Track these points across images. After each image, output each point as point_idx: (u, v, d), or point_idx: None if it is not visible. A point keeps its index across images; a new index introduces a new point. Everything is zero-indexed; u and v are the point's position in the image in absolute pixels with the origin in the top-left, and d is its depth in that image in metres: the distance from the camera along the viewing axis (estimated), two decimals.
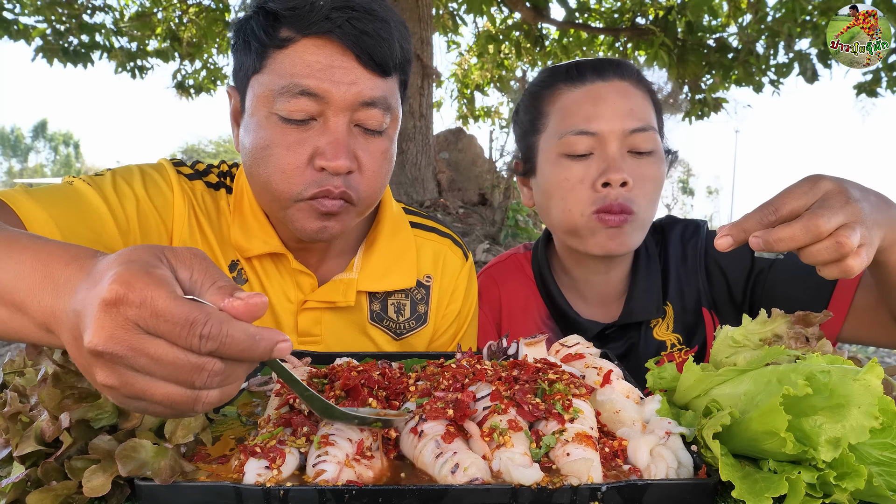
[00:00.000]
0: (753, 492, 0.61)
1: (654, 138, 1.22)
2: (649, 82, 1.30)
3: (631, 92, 1.23)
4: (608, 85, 1.23)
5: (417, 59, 6.49)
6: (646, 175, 1.21)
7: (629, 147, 1.21)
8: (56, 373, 0.65)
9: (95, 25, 7.28)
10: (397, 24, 1.06)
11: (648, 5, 7.43)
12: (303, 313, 1.23)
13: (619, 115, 1.20)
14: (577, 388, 0.79)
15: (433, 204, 6.63)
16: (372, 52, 1.01)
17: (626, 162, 1.21)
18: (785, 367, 0.71)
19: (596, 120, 1.21)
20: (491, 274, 1.49)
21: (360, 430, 0.71)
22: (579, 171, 1.22)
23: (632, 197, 1.20)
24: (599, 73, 1.25)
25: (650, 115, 1.24)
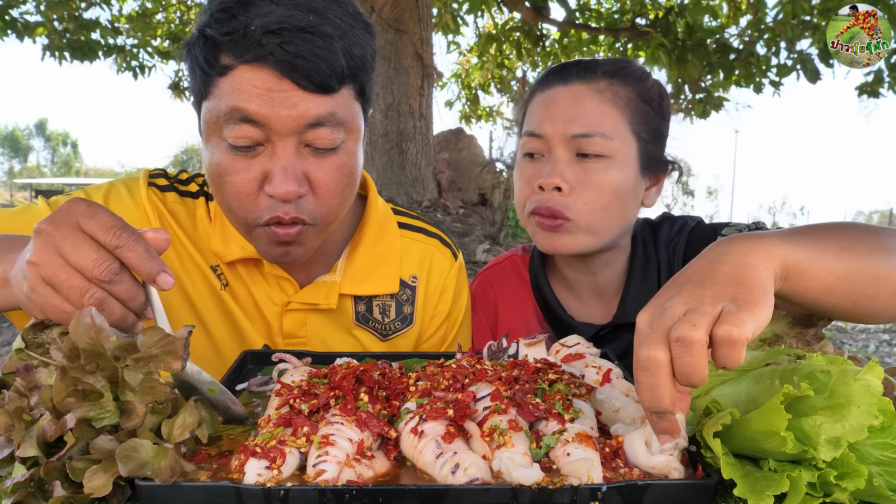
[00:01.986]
0: (755, 490, 0.61)
1: (603, 144, 1.21)
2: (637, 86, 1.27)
3: (587, 96, 1.24)
4: (566, 89, 1.26)
5: (418, 59, 6.50)
6: (590, 181, 1.22)
7: (577, 151, 1.23)
8: (63, 368, 0.65)
9: (93, 22, 7.29)
10: (347, 31, 1.01)
11: (648, 6, 7.43)
12: (287, 315, 1.23)
13: (564, 120, 1.23)
14: (577, 388, 0.79)
15: (433, 204, 6.63)
16: (309, 75, 0.97)
17: (572, 167, 1.23)
18: (785, 367, 0.71)
19: (544, 123, 1.25)
20: (487, 276, 1.50)
21: (361, 431, 0.71)
22: (529, 171, 1.28)
23: (567, 203, 1.22)
24: (563, 77, 1.27)
25: (609, 120, 1.23)
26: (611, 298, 1.37)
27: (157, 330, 0.70)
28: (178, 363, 0.70)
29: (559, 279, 1.42)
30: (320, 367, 0.92)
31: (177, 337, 0.70)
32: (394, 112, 6.46)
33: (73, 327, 0.65)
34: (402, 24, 6.30)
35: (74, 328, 0.65)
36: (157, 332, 0.70)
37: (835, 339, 7.26)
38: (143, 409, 0.67)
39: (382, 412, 0.76)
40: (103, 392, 0.67)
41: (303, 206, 1.04)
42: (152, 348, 0.69)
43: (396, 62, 6.42)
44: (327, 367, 0.90)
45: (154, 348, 0.69)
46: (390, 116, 6.45)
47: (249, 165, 1.01)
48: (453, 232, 6.15)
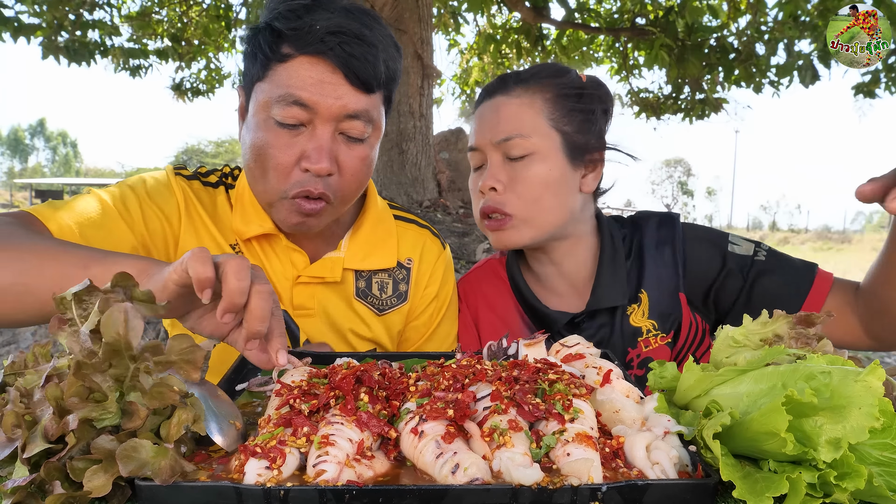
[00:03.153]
0: (754, 491, 0.61)
1: (523, 144, 1.34)
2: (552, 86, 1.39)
3: (504, 105, 1.38)
4: (490, 102, 1.41)
5: (417, 59, 6.49)
6: (518, 178, 1.35)
7: (505, 154, 1.37)
8: (79, 362, 0.65)
9: (93, 23, 7.28)
10: (387, 46, 1.21)
11: (648, 6, 7.43)
12: (297, 288, 1.38)
13: (488, 129, 1.38)
14: (577, 388, 0.79)
15: (433, 204, 6.63)
16: (357, 73, 1.15)
17: (505, 168, 1.37)
18: (785, 368, 0.71)
19: (476, 136, 1.42)
20: (470, 279, 1.62)
21: (361, 431, 0.71)
22: (475, 181, 1.43)
23: (503, 200, 1.36)
24: (488, 92, 1.43)
25: (525, 122, 1.36)
26: (581, 287, 1.47)
27: (184, 337, 0.71)
28: (196, 373, 0.71)
29: (531, 275, 1.53)
30: (320, 367, 0.92)
31: (201, 347, 0.71)
32: (394, 112, 6.46)
33: (104, 319, 0.66)
34: (402, 24, 6.29)
35: (105, 320, 0.66)
36: (184, 340, 0.70)
37: None
38: (145, 412, 0.67)
39: (382, 412, 0.76)
40: (108, 394, 0.67)
41: (330, 183, 1.21)
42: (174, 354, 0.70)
43: None
44: (327, 368, 0.90)
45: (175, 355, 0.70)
46: (390, 116, 6.45)
47: (291, 143, 1.18)
48: (453, 232, 6.14)
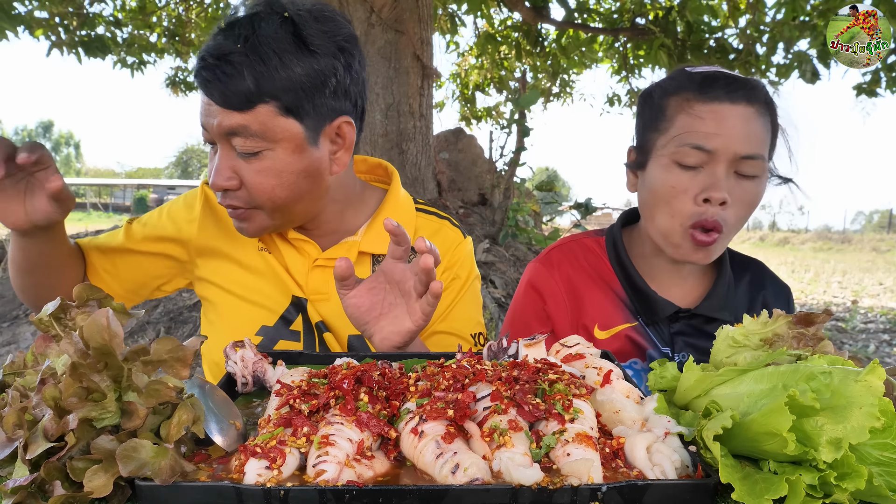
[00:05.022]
0: (753, 493, 0.61)
1: (761, 166, 1.30)
2: (775, 108, 1.36)
3: (753, 119, 1.30)
4: (734, 108, 1.30)
5: (417, 60, 6.49)
6: (743, 198, 1.30)
7: (736, 169, 1.29)
8: (74, 363, 0.65)
9: (96, 17, 7.28)
10: (262, 59, 1.18)
11: (648, 5, 7.43)
12: (313, 271, 1.42)
13: (735, 140, 1.28)
14: (577, 389, 0.79)
15: (433, 204, 6.62)
16: (216, 94, 1.19)
17: (729, 181, 1.29)
18: (786, 368, 0.71)
19: (714, 139, 1.28)
20: (565, 250, 1.56)
21: (361, 431, 0.71)
22: (685, 182, 1.31)
23: (725, 216, 1.30)
24: (730, 94, 1.31)
25: (765, 143, 1.32)
26: (684, 285, 1.48)
27: (169, 339, 0.71)
28: (185, 371, 0.71)
29: (640, 262, 1.50)
30: (320, 368, 0.92)
31: (188, 345, 0.71)
32: (394, 112, 6.46)
33: (87, 326, 0.66)
34: (401, 25, 6.29)
35: (89, 327, 0.66)
36: (169, 342, 0.71)
37: (835, 339, 7.26)
38: (144, 411, 0.67)
39: (382, 412, 0.76)
40: (107, 393, 0.67)
41: (236, 196, 1.27)
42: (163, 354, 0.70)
43: (396, 62, 6.41)
44: (327, 368, 0.90)
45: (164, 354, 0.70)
46: (390, 116, 6.45)
47: (211, 163, 1.28)
48: None
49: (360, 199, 1.48)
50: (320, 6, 1.28)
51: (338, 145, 1.31)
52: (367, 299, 1.18)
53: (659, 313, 1.43)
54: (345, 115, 1.29)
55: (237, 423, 0.77)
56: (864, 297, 11.44)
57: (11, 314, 5.62)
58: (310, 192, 1.30)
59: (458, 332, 1.48)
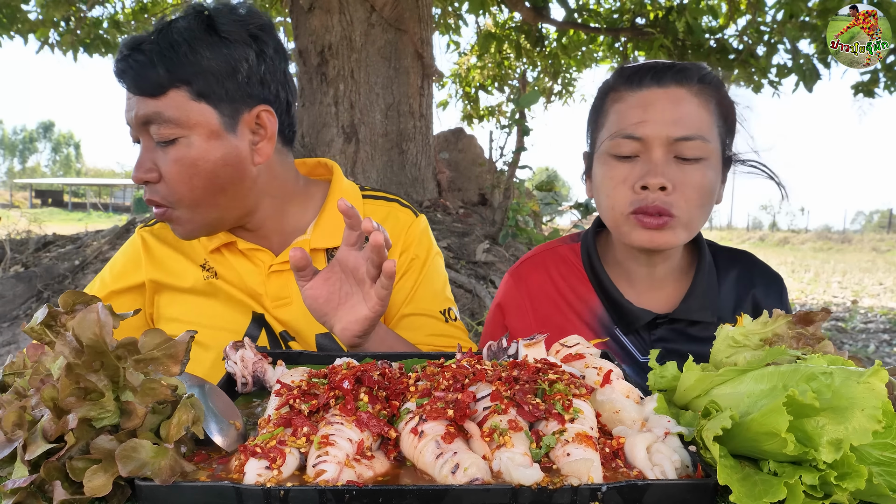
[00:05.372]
0: (752, 495, 0.61)
1: (702, 147, 1.26)
2: (719, 86, 1.33)
3: (685, 99, 1.27)
4: (663, 91, 1.28)
5: (418, 59, 6.49)
6: (688, 181, 1.26)
7: (675, 153, 1.26)
8: (69, 364, 0.65)
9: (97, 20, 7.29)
10: (172, 47, 1.22)
11: (648, 6, 7.43)
12: (271, 278, 1.42)
13: (665, 123, 1.25)
14: (577, 389, 0.79)
15: (433, 204, 6.63)
16: (132, 83, 1.23)
17: (671, 167, 1.26)
18: (786, 368, 0.71)
19: (643, 126, 1.27)
20: (533, 263, 1.54)
21: (361, 431, 0.71)
22: (623, 172, 1.29)
23: (671, 201, 1.26)
24: (657, 79, 1.30)
25: (704, 123, 1.27)
26: (662, 290, 1.43)
27: (158, 332, 0.70)
28: (177, 367, 0.71)
29: (614, 268, 1.46)
30: (320, 368, 0.92)
31: (178, 341, 0.71)
32: (394, 112, 6.46)
33: (78, 321, 0.66)
34: (402, 24, 6.29)
35: (80, 322, 0.65)
36: (158, 335, 0.70)
37: (835, 339, 7.26)
38: (143, 410, 0.67)
39: (382, 412, 0.76)
40: (104, 392, 0.67)
41: (156, 190, 1.27)
42: (153, 350, 0.69)
43: (396, 62, 6.41)
44: (327, 368, 0.90)
45: (155, 350, 0.69)
46: (390, 116, 6.44)
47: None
48: (453, 232, 6.14)
49: (305, 195, 1.48)
50: (241, 3, 1.32)
51: (260, 136, 1.31)
52: (324, 290, 1.18)
53: (635, 322, 1.38)
54: (263, 104, 1.30)
55: (237, 423, 0.77)
56: (864, 297, 11.44)
57: (11, 314, 5.62)
58: (232, 183, 1.30)
59: (426, 311, 1.47)
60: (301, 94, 6.66)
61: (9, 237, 7.19)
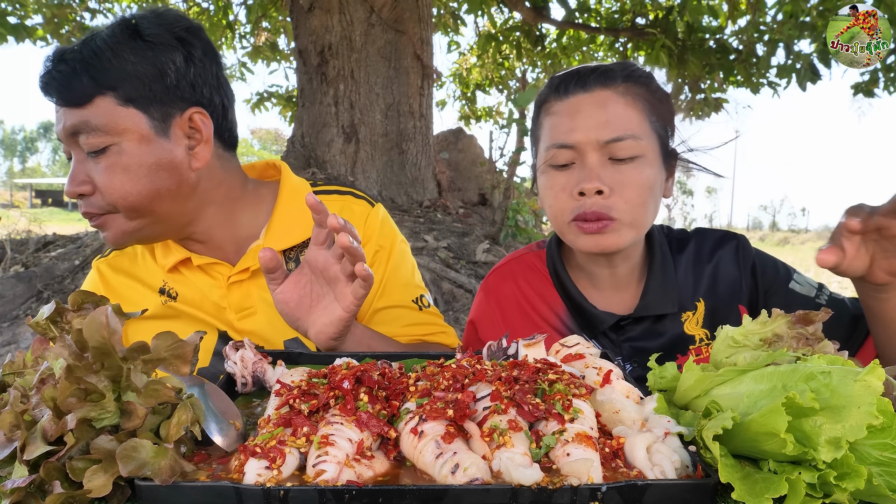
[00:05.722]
0: (753, 493, 0.61)
1: (634, 146, 1.26)
2: (649, 82, 1.33)
3: (612, 101, 1.28)
4: (589, 96, 1.29)
5: (417, 60, 6.49)
6: (626, 181, 1.26)
7: (609, 155, 1.27)
8: (69, 366, 0.65)
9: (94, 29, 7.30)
10: (95, 54, 1.20)
11: (648, 6, 7.43)
12: (231, 289, 1.40)
13: (594, 127, 1.26)
14: (577, 389, 0.79)
15: (433, 204, 6.63)
16: (57, 94, 1.21)
17: (607, 170, 1.27)
18: (785, 369, 0.71)
19: (573, 132, 1.28)
20: (501, 273, 1.55)
21: (361, 431, 0.71)
22: (562, 181, 1.31)
23: (610, 204, 1.26)
24: (583, 84, 1.31)
25: (634, 122, 1.28)
26: (626, 289, 1.43)
27: (168, 335, 0.71)
28: (186, 367, 0.71)
29: (577, 272, 1.47)
30: (320, 368, 0.92)
31: (187, 342, 0.71)
32: (394, 112, 6.46)
33: (87, 324, 0.66)
34: (401, 25, 6.29)
35: (88, 325, 0.65)
36: (169, 337, 0.70)
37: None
38: (143, 411, 0.67)
39: (382, 412, 0.76)
40: (105, 392, 0.67)
41: (92, 202, 1.24)
42: (162, 351, 0.70)
43: (396, 62, 6.41)
44: (327, 368, 0.90)
45: (164, 351, 0.70)
46: (390, 116, 6.45)
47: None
48: (453, 232, 6.14)
49: (255, 199, 1.44)
50: (168, 8, 1.31)
51: (195, 139, 1.28)
52: (294, 293, 1.16)
53: (599, 326, 1.39)
54: (195, 107, 1.27)
55: (237, 423, 0.77)
56: None
57: (11, 314, 5.62)
58: (169, 189, 1.26)
59: (399, 302, 1.45)
60: (301, 94, 6.66)
61: (9, 237, 7.20)
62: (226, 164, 1.37)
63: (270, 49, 8.91)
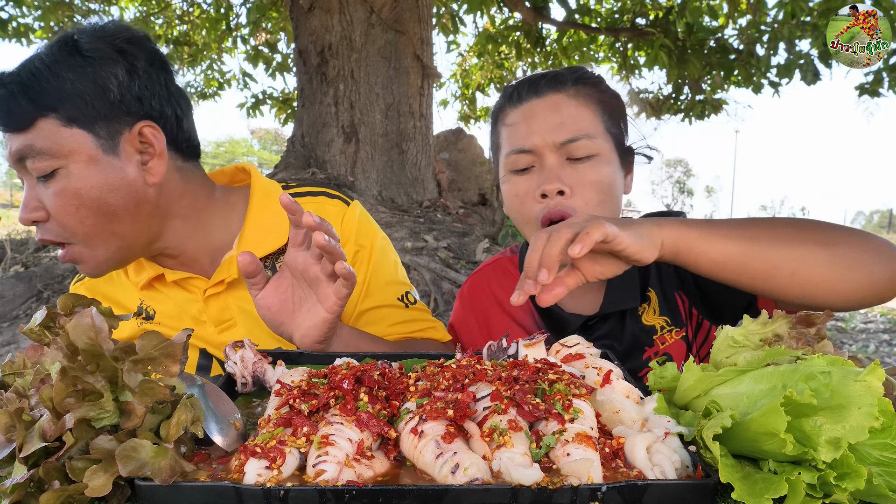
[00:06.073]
0: (753, 493, 0.61)
1: (589, 145, 1.30)
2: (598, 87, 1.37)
3: (564, 103, 1.32)
4: (542, 101, 1.34)
5: (417, 60, 6.49)
6: (584, 180, 1.30)
7: (567, 155, 1.30)
8: (63, 368, 0.65)
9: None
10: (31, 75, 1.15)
11: (648, 6, 7.43)
12: (208, 302, 1.37)
13: (549, 129, 1.30)
14: (577, 389, 0.79)
15: (433, 204, 6.63)
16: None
17: (566, 170, 1.30)
18: (785, 368, 0.71)
19: (530, 137, 1.32)
20: (477, 279, 1.60)
21: (361, 431, 0.71)
22: (524, 186, 1.34)
23: (572, 204, 1.29)
24: (535, 90, 1.35)
25: (587, 122, 1.31)
26: (592, 289, 1.45)
27: (154, 334, 0.71)
28: (175, 366, 0.71)
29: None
30: (320, 368, 0.92)
31: (175, 341, 0.71)
32: (394, 112, 6.46)
33: (72, 326, 0.65)
34: (401, 25, 6.29)
35: (74, 327, 0.65)
36: (155, 337, 0.70)
37: (835, 339, 7.25)
38: (142, 410, 0.67)
39: (382, 412, 0.76)
40: (103, 392, 0.67)
41: (47, 229, 1.20)
42: (151, 351, 0.69)
43: (396, 62, 6.41)
44: (327, 368, 0.90)
45: (153, 351, 0.70)
46: (390, 116, 6.45)
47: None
48: (453, 232, 6.14)
49: (225, 206, 1.40)
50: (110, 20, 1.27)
51: (148, 154, 1.23)
52: (276, 298, 1.14)
53: (566, 328, 1.41)
54: (144, 121, 1.22)
55: (237, 423, 0.77)
56: None
57: (11, 314, 5.62)
58: (126, 208, 1.22)
59: (385, 302, 1.43)
60: (301, 94, 6.67)
61: (9, 237, 7.20)
62: (187, 175, 1.32)
63: (269, 50, 8.90)
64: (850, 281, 1.03)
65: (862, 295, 1.05)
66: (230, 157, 46.04)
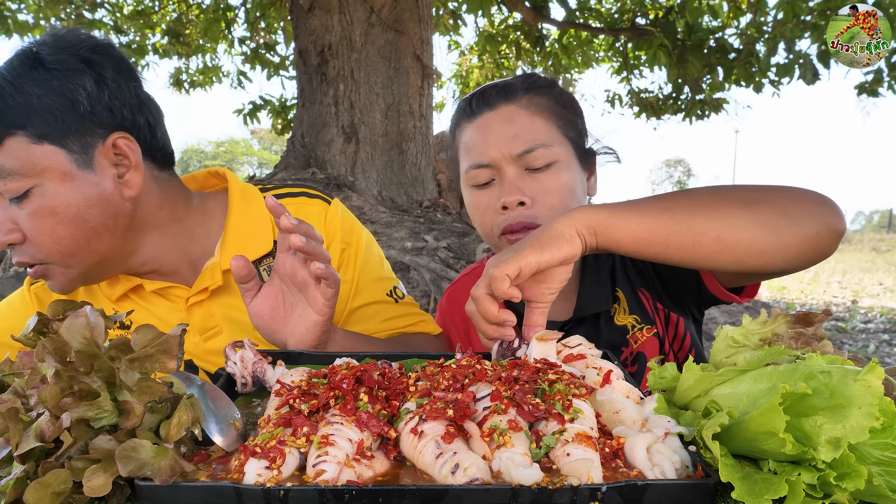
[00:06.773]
0: (753, 493, 0.61)
1: (546, 153, 1.30)
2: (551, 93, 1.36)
3: (516, 114, 1.33)
4: (494, 113, 1.34)
5: (417, 60, 6.49)
6: (545, 189, 1.30)
7: (525, 166, 1.30)
8: (57, 371, 0.65)
9: (95, 22, 7.30)
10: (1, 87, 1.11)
11: (648, 5, 7.43)
12: (192, 310, 1.33)
13: (504, 142, 1.30)
14: (577, 389, 0.79)
15: (433, 204, 6.63)
16: None
17: (525, 181, 1.30)
18: (785, 368, 0.71)
19: (487, 151, 1.32)
20: (457, 288, 1.61)
21: (361, 431, 0.71)
22: (485, 199, 1.35)
23: (533, 213, 1.29)
24: (487, 102, 1.35)
25: (542, 131, 1.31)
26: (568, 295, 1.44)
27: (149, 329, 0.70)
28: (172, 362, 0.70)
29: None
30: (320, 368, 0.92)
31: (171, 335, 0.71)
32: (394, 112, 6.46)
33: (66, 327, 0.65)
34: (401, 25, 6.29)
35: (68, 328, 0.65)
36: (150, 331, 0.70)
37: (835, 339, 7.26)
38: (140, 409, 0.67)
39: (382, 412, 0.76)
40: (100, 392, 0.66)
41: (24, 251, 1.17)
42: (147, 347, 0.69)
43: (396, 62, 6.41)
44: (327, 368, 0.90)
45: (149, 347, 0.69)
46: (390, 116, 6.45)
47: None
48: (453, 232, 6.14)
49: (203, 213, 1.36)
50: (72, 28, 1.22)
51: (124, 166, 1.19)
52: (267, 305, 1.13)
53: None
54: (118, 132, 1.18)
55: (237, 423, 0.77)
56: (863, 297, 11.43)
57: None
58: (105, 225, 1.18)
59: (374, 299, 1.42)
60: (301, 94, 6.67)
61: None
62: (164, 185, 1.28)
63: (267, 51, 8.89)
64: (778, 239, 0.99)
65: (797, 252, 1.01)
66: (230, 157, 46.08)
